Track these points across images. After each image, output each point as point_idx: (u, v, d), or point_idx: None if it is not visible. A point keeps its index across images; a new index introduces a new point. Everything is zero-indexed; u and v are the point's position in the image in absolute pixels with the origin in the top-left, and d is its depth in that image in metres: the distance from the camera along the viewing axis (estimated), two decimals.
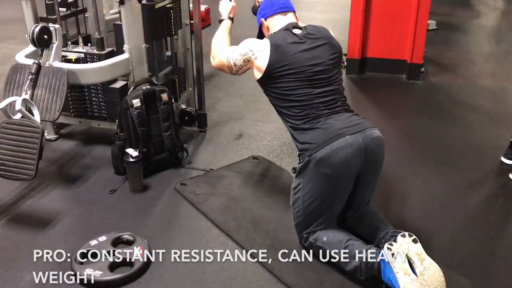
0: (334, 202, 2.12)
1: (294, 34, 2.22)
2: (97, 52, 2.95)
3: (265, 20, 2.36)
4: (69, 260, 2.10)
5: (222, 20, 2.53)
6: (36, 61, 2.70)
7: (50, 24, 2.85)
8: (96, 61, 2.91)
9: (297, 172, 2.13)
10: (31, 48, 2.93)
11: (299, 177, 2.12)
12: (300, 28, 2.27)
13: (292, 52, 2.16)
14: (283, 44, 2.18)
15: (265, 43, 2.20)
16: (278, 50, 2.16)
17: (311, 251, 2.15)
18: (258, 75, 2.23)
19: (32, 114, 2.56)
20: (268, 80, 2.20)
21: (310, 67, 2.16)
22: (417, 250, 1.89)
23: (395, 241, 1.93)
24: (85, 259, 2.12)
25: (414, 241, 1.92)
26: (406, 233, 1.94)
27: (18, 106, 2.50)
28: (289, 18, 2.32)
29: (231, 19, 2.54)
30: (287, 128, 2.24)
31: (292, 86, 2.15)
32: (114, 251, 2.13)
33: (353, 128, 2.07)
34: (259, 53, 2.20)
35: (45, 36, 2.72)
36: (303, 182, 2.10)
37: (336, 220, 2.18)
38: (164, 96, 2.83)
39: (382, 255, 1.89)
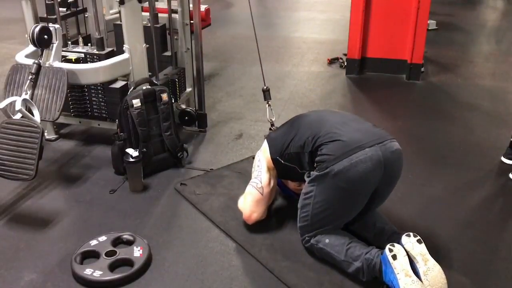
0: (345, 214, 2.10)
1: None
2: (97, 52, 2.95)
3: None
4: (69, 260, 2.10)
5: None
6: (36, 61, 2.70)
7: (50, 24, 2.85)
8: (96, 61, 2.91)
9: (311, 178, 2.06)
10: (31, 48, 2.93)
11: (313, 184, 2.06)
12: None
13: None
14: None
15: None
16: (271, 134, 2.42)
17: (312, 252, 2.15)
18: (267, 149, 2.30)
19: (32, 114, 2.56)
20: (275, 142, 2.28)
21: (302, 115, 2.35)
22: (421, 251, 1.89)
23: (398, 241, 1.94)
24: (85, 259, 2.12)
25: (419, 241, 1.92)
26: (411, 233, 1.94)
27: (18, 106, 2.50)
28: None
29: None
30: (315, 164, 2.11)
31: (295, 124, 2.25)
32: (114, 251, 2.13)
33: (373, 139, 2.01)
34: (262, 147, 2.37)
35: (45, 36, 2.72)
36: (316, 190, 2.05)
37: (342, 226, 2.16)
38: (164, 96, 2.83)
39: (384, 256, 1.89)
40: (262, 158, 2.32)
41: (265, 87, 2.74)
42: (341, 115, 2.25)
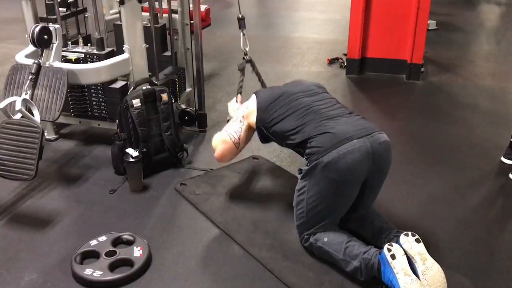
0: (339, 206, 2.12)
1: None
2: (97, 52, 2.96)
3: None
4: (69, 260, 2.10)
5: (229, 120, 2.63)
6: (36, 61, 2.70)
7: (50, 24, 2.85)
8: (96, 61, 2.92)
9: (303, 174, 2.11)
10: (31, 48, 2.93)
11: (305, 179, 2.10)
12: None
13: (276, 88, 2.41)
14: (266, 89, 2.51)
15: (252, 96, 2.42)
16: (263, 92, 2.43)
17: (311, 251, 2.15)
18: (254, 117, 2.33)
19: (32, 114, 2.56)
20: (264, 113, 2.29)
21: (295, 88, 2.34)
22: (419, 250, 1.90)
23: (397, 241, 1.94)
24: (85, 259, 2.12)
25: (417, 240, 1.92)
26: (409, 233, 1.94)
27: (18, 106, 2.50)
28: None
29: None
30: (297, 151, 2.22)
31: (286, 102, 2.25)
32: (114, 251, 2.13)
33: (360, 131, 2.05)
34: (249, 103, 2.40)
35: (45, 36, 2.72)
36: (308, 184, 2.08)
37: (338, 222, 2.17)
38: (164, 96, 2.83)
39: (382, 256, 1.89)
40: (246, 115, 2.37)
41: (240, 16, 2.82)
42: (333, 109, 2.23)
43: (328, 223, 2.11)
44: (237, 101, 2.72)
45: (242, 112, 2.41)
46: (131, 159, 2.62)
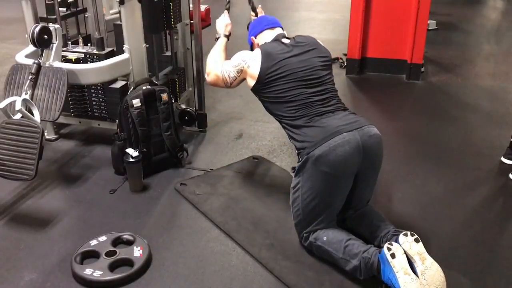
0: (333, 200, 2.13)
1: (283, 43, 2.34)
2: (97, 52, 2.96)
3: (255, 37, 2.51)
4: (69, 260, 2.10)
5: (218, 37, 2.65)
6: (36, 61, 2.70)
7: (50, 24, 2.85)
8: (96, 61, 2.92)
9: (296, 170, 2.14)
10: (31, 48, 2.94)
11: (298, 175, 2.13)
12: (288, 38, 2.41)
13: (283, 58, 2.26)
14: (274, 52, 2.28)
15: (256, 52, 2.31)
16: (269, 57, 2.26)
17: (311, 251, 2.15)
18: (251, 82, 2.31)
19: (32, 114, 2.56)
20: (261, 87, 2.27)
21: (301, 69, 2.25)
22: (418, 250, 1.90)
23: (396, 240, 1.94)
24: (85, 259, 2.12)
25: (416, 240, 1.92)
26: (408, 232, 1.95)
27: (18, 106, 2.50)
28: (277, 31, 2.47)
29: (227, 36, 2.66)
30: (285, 129, 2.26)
31: (286, 88, 2.22)
32: (114, 251, 2.13)
33: (350, 125, 2.09)
34: (252, 61, 2.29)
35: (45, 36, 2.72)
36: (302, 180, 2.11)
37: (336, 219, 2.18)
38: (164, 96, 2.83)
39: (382, 255, 1.89)
40: (245, 71, 2.32)
41: None
42: (328, 105, 2.23)
43: (324, 219, 2.12)
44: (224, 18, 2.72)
45: (241, 64, 2.33)
46: (131, 159, 2.62)
